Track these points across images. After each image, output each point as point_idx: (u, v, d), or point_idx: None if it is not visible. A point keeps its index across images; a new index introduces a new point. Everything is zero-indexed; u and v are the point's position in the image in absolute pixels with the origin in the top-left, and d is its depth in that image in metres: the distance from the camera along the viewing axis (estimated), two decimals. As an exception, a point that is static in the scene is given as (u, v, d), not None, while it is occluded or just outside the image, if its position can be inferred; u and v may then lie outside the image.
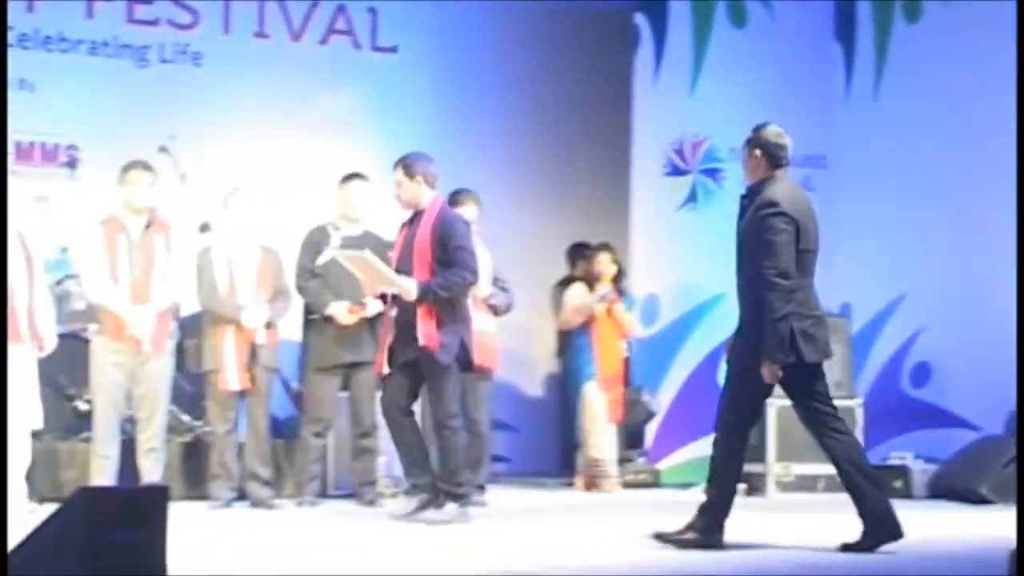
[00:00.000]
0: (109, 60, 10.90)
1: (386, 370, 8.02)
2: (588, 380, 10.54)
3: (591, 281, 10.71)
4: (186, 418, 9.47)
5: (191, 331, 9.42)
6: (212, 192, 9.49)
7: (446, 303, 7.87)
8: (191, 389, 9.61)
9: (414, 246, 7.92)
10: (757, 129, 7.00)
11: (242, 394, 8.76)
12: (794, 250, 6.70)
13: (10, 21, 10.49)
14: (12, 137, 10.20)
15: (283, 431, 9.49)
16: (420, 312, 7.82)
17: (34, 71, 10.60)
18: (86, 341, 8.79)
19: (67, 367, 8.91)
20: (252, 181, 9.52)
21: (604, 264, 10.70)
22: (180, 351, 9.10)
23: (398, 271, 7.91)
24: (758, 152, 6.93)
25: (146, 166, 8.67)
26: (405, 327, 7.89)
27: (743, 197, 7.03)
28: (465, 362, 7.99)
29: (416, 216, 8.03)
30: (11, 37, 10.52)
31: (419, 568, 6.23)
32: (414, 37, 11.91)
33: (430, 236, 7.90)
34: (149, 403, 8.48)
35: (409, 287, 7.82)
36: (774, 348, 6.66)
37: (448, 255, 7.87)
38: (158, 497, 4.72)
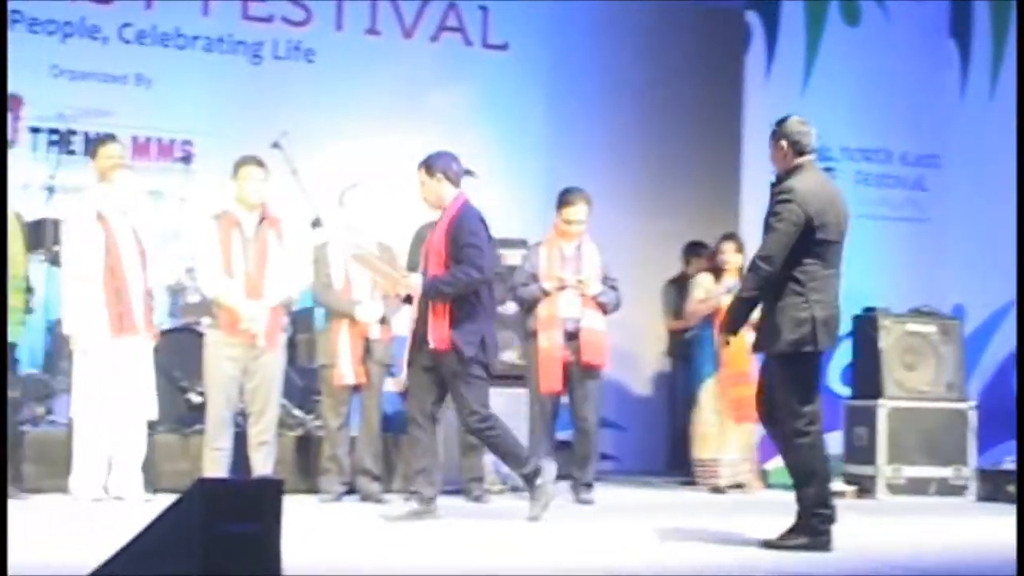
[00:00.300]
0: (224, 56, 11.09)
1: (407, 374, 7.91)
2: (708, 378, 10.24)
3: (717, 273, 10.39)
4: (297, 412, 9.55)
5: (302, 326, 9.51)
6: (323, 188, 9.58)
7: (462, 301, 7.67)
8: (301, 384, 9.70)
9: (432, 245, 7.82)
10: (780, 122, 7.04)
11: (354, 389, 8.79)
12: (792, 240, 6.76)
13: (128, 18, 10.73)
14: (129, 132, 10.43)
15: (392, 426, 9.54)
16: (431, 312, 7.67)
17: (151, 67, 10.82)
18: (200, 334, 8.90)
19: (181, 360, 9.04)
20: (363, 177, 9.56)
21: (729, 253, 10.34)
22: (291, 345, 9.18)
23: (425, 272, 7.81)
24: (783, 143, 6.97)
25: (259, 162, 8.71)
26: (421, 328, 7.76)
27: (772, 185, 7.07)
28: (485, 364, 7.73)
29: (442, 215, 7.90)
30: (130, 34, 10.76)
31: (528, 564, 6.24)
32: (525, 34, 11.96)
33: (445, 234, 7.73)
34: (262, 397, 8.54)
35: (413, 283, 7.74)
36: (729, 321, 6.99)
37: (459, 252, 7.66)
38: (273, 490, 4.76)
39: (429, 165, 7.89)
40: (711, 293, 10.29)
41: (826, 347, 6.88)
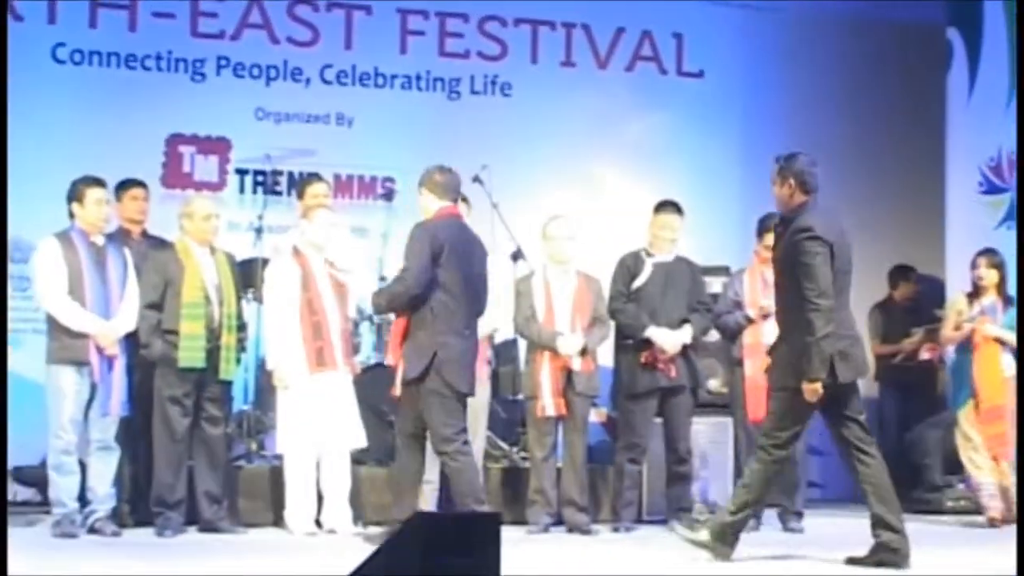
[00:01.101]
0: (422, 93, 11.26)
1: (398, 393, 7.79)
2: (964, 404, 9.70)
3: (976, 292, 9.76)
4: (502, 444, 9.58)
5: (505, 358, 9.54)
6: (524, 220, 9.63)
7: (415, 318, 7.44)
8: (506, 415, 9.74)
9: None
10: (788, 159, 7.14)
11: (558, 420, 8.79)
12: (829, 271, 6.90)
13: (329, 59, 10.94)
14: (331, 171, 10.61)
15: (597, 457, 9.52)
16: (391, 329, 7.61)
17: (351, 106, 11.02)
18: (407, 369, 8.97)
19: (387, 394, 9.10)
20: (562, 208, 9.60)
21: (983, 268, 9.75)
22: (495, 377, 9.22)
23: None
24: (791, 181, 7.09)
25: (461, 196, 8.78)
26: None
27: (777, 225, 7.25)
28: (444, 384, 7.46)
29: None
30: (330, 75, 10.98)
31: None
32: (720, 61, 11.93)
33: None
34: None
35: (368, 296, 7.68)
36: (816, 367, 6.87)
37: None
38: (491, 523, 4.78)
39: (420, 180, 7.83)
40: (965, 315, 9.75)
41: (847, 379, 6.97)
